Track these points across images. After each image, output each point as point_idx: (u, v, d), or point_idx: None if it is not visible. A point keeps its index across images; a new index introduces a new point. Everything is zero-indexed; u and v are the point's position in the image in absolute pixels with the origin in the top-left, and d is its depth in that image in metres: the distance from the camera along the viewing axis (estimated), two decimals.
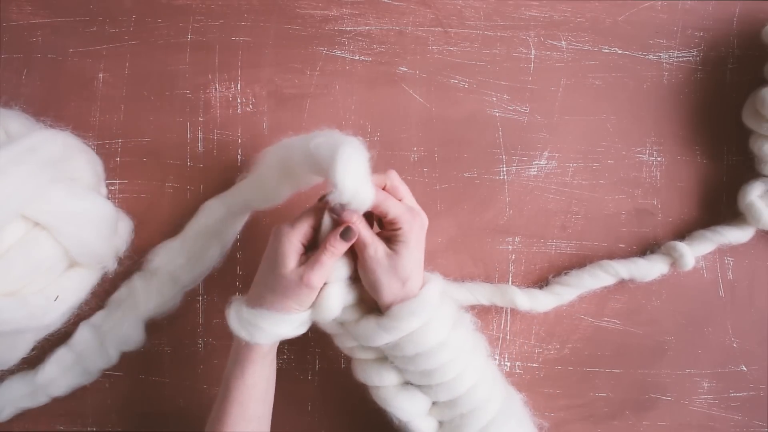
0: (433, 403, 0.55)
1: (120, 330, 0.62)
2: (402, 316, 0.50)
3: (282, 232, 0.51)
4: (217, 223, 0.63)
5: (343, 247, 0.50)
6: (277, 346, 0.55)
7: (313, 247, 0.52)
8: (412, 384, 0.55)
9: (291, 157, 0.54)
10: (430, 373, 0.52)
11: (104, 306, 0.63)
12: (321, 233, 0.51)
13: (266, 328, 0.51)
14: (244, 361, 0.52)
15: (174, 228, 0.66)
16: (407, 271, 0.50)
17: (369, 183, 0.48)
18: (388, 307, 0.51)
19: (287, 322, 0.51)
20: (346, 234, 0.49)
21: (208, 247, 0.63)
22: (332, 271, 0.51)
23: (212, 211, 0.63)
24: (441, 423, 0.55)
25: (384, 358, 0.55)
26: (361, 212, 0.50)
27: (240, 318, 0.52)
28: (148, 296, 0.62)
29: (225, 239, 0.64)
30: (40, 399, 0.62)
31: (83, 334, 0.62)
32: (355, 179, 0.47)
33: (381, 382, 0.54)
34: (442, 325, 0.52)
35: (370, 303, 0.54)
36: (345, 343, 0.55)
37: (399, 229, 0.50)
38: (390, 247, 0.50)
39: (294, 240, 0.50)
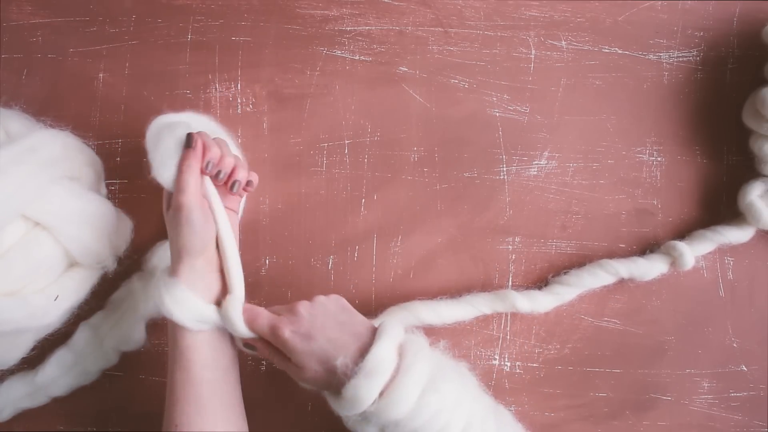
0: None
1: (120, 330, 0.62)
2: (353, 397, 0.47)
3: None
4: None
5: (191, 156, 0.51)
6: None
7: None
8: None
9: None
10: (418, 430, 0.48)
11: (104, 306, 0.63)
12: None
13: (183, 299, 0.50)
14: (174, 327, 0.52)
15: None
16: (320, 333, 0.49)
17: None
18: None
19: (199, 301, 0.51)
20: (187, 141, 0.51)
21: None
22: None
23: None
24: None
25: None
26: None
27: (164, 290, 0.51)
28: (147, 296, 0.62)
29: None
30: (40, 399, 0.62)
31: (83, 334, 0.62)
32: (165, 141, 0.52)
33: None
34: (412, 380, 0.47)
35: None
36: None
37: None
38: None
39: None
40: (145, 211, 0.66)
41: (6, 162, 0.51)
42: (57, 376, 0.61)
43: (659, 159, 0.68)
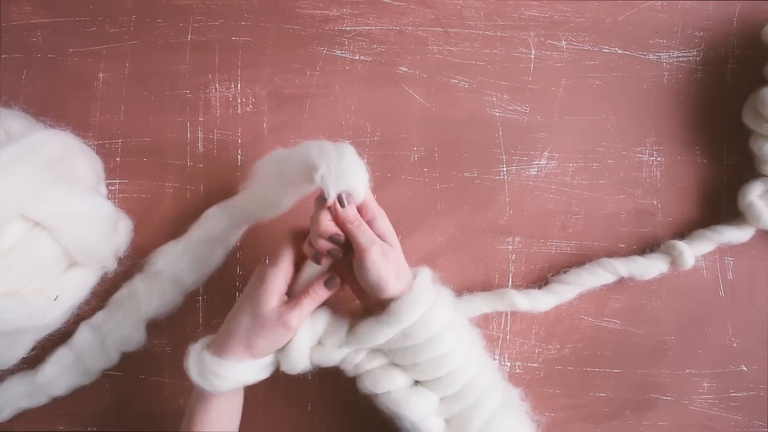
0: (441, 400, 0.55)
1: (121, 330, 0.62)
2: (403, 310, 0.51)
3: (267, 271, 0.52)
4: (220, 232, 0.62)
5: (325, 295, 0.52)
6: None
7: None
8: (420, 383, 0.55)
9: (286, 165, 0.55)
10: (437, 361, 0.53)
11: (105, 306, 0.63)
12: (302, 277, 0.53)
13: (228, 377, 0.51)
14: (208, 397, 0.53)
15: (174, 228, 0.66)
16: (401, 263, 0.52)
17: (363, 171, 0.51)
18: (388, 302, 0.51)
19: (250, 370, 0.52)
20: (330, 283, 0.52)
21: (212, 251, 0.63)
22: (308, 318, 0.53)
23: (216, 220, 0.62)
24: (447, 421, 0.55)
25: (390, 364, 0.55)
26: (357, 202, 0.51)
27: (200, 366, 0.52)
28: (149, 298, 0.62)
29: (228, 244, 0.64)
30: (40, 399, 0.62)
31: (83, 334, 0.62)
32: (354, 165, 0.50)
33: (392, 386, 0.54)
34: (442, 309, 0.53)
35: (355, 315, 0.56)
36: (352, 362, 0.55)
37: (374, 221, 0.52)
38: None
39: (280, 278, 0.52)
40: (145, 211, 0.66)
41: (6, 162, 0.51)
42: (57, 376, 0.61)
43: (659, 159, 0.68)
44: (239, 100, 0.67)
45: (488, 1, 0.68)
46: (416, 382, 0.55)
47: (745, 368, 0.68)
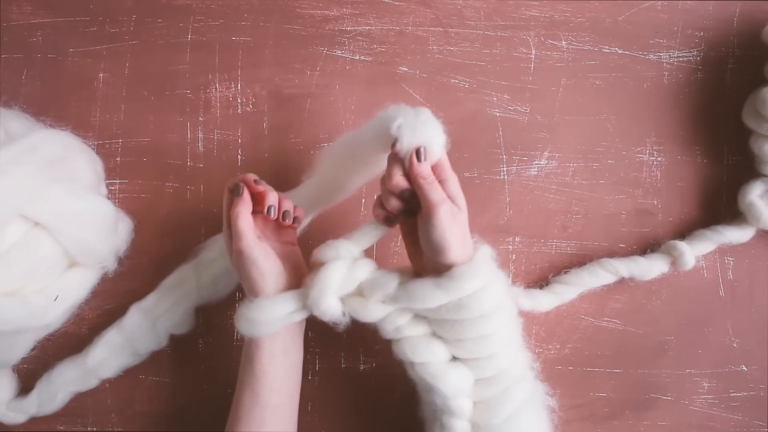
0: (475, 382, 0.54)
1: (173, 316, 0.63)
2: (464, 277, 0.50)
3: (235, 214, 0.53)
4: None
5: (240, 203, 0.53)
6: (291, 336, 0.55)
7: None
8: (458, 359, 0.54)
9: (359, 141, 0.55)
10: (482, 341, 0.52)
11: (156, 289, 0.64)
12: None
13: (256, 318, 0.52)
14: (250, 349, 0.53)
15: (174, 228, 0.66)
16: (467, 230, 0.51)
17: (440, 130, 0.51)
18: (447, 268, 0.51)
19: (271, 308, 0.52)
20: (235, 189, 0.53)
21: None
22: (335, 250, 0.53)
23: None
24: (476, 404, 0.54)
25: (431, 334, 0.54)
26: (432, 160, 0.51)
27: (239, 313, 0.53)
28: (201, 286, 0.63)
29: None
30: (91, 382, 0.63)
31: (134, 317, 0.62)
32: (431, 122, 0.51)
33: (431, 357, 0.53)
34: (499, 289, 0.52)
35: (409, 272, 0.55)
36: (395, 322, 0.54)
37: (445, 182, 0.51)
38: None
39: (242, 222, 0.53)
40: (145, 211, 0.66)
41: (6, 162, 0.51)
42: (106, 358, 0.62)
43: (659, 159, 0.68)
44: (239, 100, 0.67)
45: (488, 1, 0.68)
46: (454, 359, 0.54)
47: (745, 368, 0.68)
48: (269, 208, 0.54)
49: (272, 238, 0.57)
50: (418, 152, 0.50)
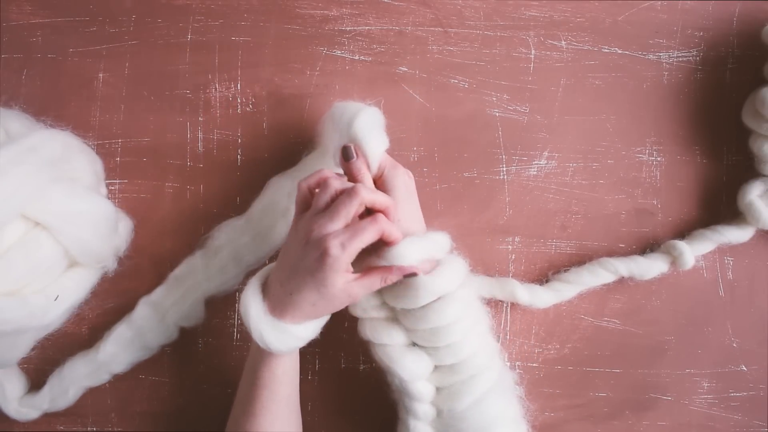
0: (435, 368, 0.55)
1: (182, 307, 0.62)
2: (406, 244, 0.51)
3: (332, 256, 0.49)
4: (284, 199, 0.62)
5: (397, 279, 0.51)
6: None
7: None
8: (418, 346, 0.55)
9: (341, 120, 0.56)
10: (437, 331, 0.53)
11: (164, 282, 0.64)
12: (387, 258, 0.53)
13: (298, 337, 0.52)
14: (275, 355, 0.53)
15: (174, 228, 0.66)
16: (408, 220, 0.54)
17: (382, 134, 0.54)
18: None
19: (315, 328, 0.53)
20: (407, 271, 0.51)
21: (273, 225, 0.62)
22: None
23: (279, 186, 0.62)
24: (439, 389, 0.55)
25: (394, 318, 0.55)
26: (373, 160, 0.53)
27: (265, 330, 0.51)
28: (209, 275, 0.62)
29: (290, 219, 0.61)
30: (102, 377, 0.63)
31: (142, 310, 0.62)
32: (371, 128, 0.53)
33: (390, 341, 0.55)
34: (454, 280, 0.53)
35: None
36: (362, 304, 0.55)
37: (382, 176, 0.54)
38: None
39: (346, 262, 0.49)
40: (145, 211, 0.66)
41: (6, 162, 0.51)
42: (117, 352, 0.62)
43: (659, 159, 0.68)
44: (239, 100, 0.67)
45: (488, 1, 0.68)
46: (414, 344, 0.55)
47: (745, 368, 0.68)
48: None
49: None
50: (344, 150, 0.51)
